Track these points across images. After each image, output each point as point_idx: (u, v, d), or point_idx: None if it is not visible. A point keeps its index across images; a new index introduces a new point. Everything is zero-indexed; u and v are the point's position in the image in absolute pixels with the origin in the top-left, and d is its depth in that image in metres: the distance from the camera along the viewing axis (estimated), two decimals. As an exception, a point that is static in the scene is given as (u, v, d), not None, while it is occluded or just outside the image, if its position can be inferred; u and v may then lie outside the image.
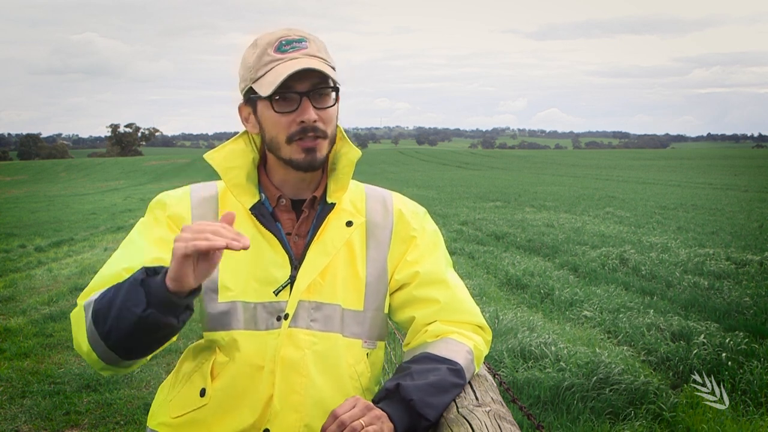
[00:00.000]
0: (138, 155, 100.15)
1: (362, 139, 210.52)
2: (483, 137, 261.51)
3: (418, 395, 1.22)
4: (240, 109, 1.44)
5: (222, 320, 1.38)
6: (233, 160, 1.42)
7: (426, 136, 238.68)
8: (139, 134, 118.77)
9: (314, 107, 1.34)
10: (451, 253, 10.74)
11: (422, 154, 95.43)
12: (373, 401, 1.25)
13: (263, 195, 1.43)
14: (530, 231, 12.55)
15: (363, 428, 1.15)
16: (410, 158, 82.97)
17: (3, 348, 5.77)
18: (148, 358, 1.32)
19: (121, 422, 4.19)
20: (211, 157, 1.44)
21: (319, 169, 1.41)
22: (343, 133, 1.45)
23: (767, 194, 22.13)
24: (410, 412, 1.21)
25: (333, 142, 1.41)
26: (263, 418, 1.34)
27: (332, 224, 1.43)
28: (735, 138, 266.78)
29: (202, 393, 1.37)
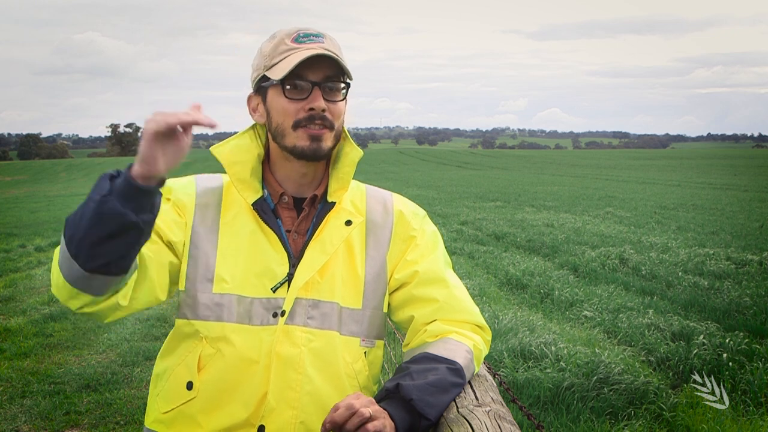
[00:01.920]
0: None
1: (362, 139, 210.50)
2: (483, 137, 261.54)
3: (418, 395, 1.22)
4: (249, 99, 1.45)
5: (214, 311, 1.37)
6: (238, 154, 1.43)
7: (426, 136, 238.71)
8: (139, 134, 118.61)
9: (324, 99, 1.35)
10: (451, 253, 10.77)
11: (422, 154, 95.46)
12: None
13: (266, 191, 1.44)
14: (530, 231, 12.55)
15: (370, 416, 1.14)
16: (410, 158, 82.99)
17: (3, 348, 5.77)
18: (121, 303, 1.28)
19: (121, 422, 4.19)
20: (218, 150, 1.44)
21: (322, 160, 1.41)
22: (347, 132, 1.46)
23: (767, 194, 22.14)
24: (411, 411, 1.21)
25: (338, 138, 1.42)
26: (258, 414, 1.34)
27: (331, 223, 1.43)
28: (735, 138, 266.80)
29: (189, 386, 1.36)
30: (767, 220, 14.01)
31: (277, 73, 1.34)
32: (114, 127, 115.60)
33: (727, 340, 5.29)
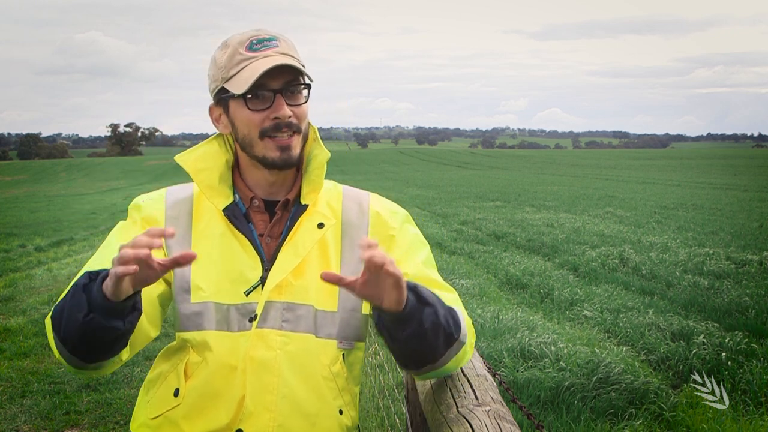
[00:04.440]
0: (138, 155, 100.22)
1: (362, 138, 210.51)
2: (483, 137, 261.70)
3: (433, 299, 1.25)
4: (210, 110, 1.44)
5: (194, 321, 1.38)
6: (205, 161, 1.43)
7: (426, 136, 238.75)
8: (139, 134, 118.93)
9: (287, 104, 1.35)
10: (451, 253, 10.79)
11: (422, 154, 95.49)
12: None
13: (237, 196, 1.43)
14: (530, 231, 12.55)
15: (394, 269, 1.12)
16: (410, 158, 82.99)
17: (3, 348, 5.77)
18: (123, 359, 1.31)
19: (121, 422, 4.19)
20: (183, 159, 1.44)
21: (294, 167, 1.41)
22: (317, 133, 1.46)
23: (767, 194, 22.14)
24: (419, 305, 1.22)
25: (305, 139, 1.42)
26: (236, 418, 1.34)
27: (304, 226, 1.42)
28: (735, 138, 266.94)
29: (176, 393, 1.37)
30: (767, 220, 14.01)
31: (236, 86, 1.33)
32: (114, 127, 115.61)
33: (726, 340, 5.29)
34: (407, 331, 1.21)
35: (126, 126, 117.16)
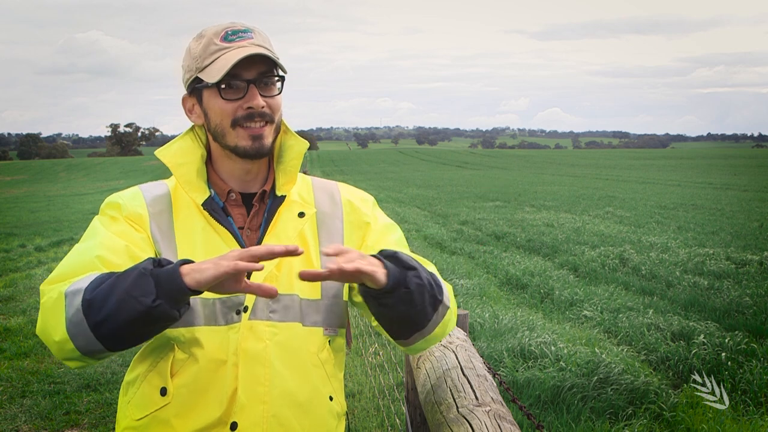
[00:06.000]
0: (138, 155, 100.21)
1: (362, 138, 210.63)
2: (483, 137, 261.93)
3: (414, 263, 1.25)
4: (184, 100, 1.45)
5: (184, 317, 1.36)
6: (183, 156, 1.44)
7: (426, 136, 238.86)
8: (139, 134, 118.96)
9: (261, 95, 1.36)
10: (451, 253, 10.79)
11: (422, 154, 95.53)
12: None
13: (212, 191, 1.44)
14: (530, 231, 12.55)
15: (360, 257, 1.15)
16: (410, 158, 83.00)
17: (3, 348, 5.77)
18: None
19: (121, 422, 4.19)
20: (163, 153, 1.45)
21: (266, 156, 1.42)
22: (287, 125, 1.47)
23: (767, 194, 22.13)
24: (402, 270, 1.22)
25: (278, 131, 1.43)
26: (229, 411, 1.35)
27: (284, 216, 1.43)
28: (735, 138, 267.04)
29: (163, 392, 1.36)
30: (767, 220, 14.01)
31: (211, 76, 1.34)
32: (114, 127, 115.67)
33: (726, 340, 5.29)
34: (395, 296, 1.21)
35: (126, 126, 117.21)
